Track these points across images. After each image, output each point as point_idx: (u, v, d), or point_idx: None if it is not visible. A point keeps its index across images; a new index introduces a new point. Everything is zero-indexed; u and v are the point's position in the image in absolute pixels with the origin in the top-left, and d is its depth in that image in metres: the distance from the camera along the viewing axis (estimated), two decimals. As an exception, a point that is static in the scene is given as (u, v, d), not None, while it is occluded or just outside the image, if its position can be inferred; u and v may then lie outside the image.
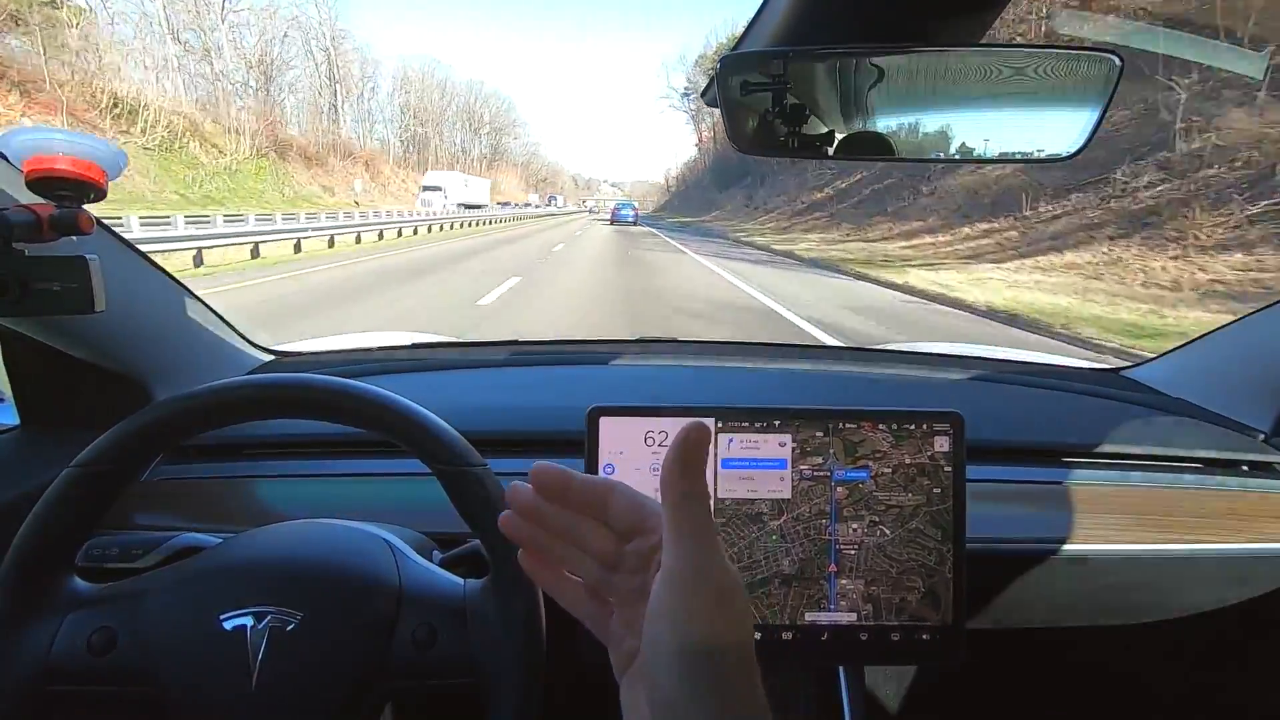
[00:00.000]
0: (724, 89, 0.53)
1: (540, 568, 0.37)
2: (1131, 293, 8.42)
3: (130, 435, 0.53)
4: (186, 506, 0.81)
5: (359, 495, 0.82)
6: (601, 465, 0.62)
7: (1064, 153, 0.55)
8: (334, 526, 0.61)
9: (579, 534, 0.35)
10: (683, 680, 0.29)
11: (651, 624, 0.31)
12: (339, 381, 0.55)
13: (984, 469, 0.83)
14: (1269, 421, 0.93)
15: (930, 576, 0.64)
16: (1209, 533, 0.80)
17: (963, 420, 0.64)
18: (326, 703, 0.52)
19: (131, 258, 0.81)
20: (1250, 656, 0.94)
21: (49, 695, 0.51)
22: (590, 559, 0.35)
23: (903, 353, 1.33)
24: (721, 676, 0.30)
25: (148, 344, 0.85)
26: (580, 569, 0.36)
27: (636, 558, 0.34)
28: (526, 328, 5.97)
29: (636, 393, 1.06)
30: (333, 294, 8.10)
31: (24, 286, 0.51)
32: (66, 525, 0.53)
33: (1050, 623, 0.84)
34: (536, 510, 0.35)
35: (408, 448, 0.55)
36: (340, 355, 1.20)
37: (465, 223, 27.63)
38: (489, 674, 0.53)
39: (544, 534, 0.36)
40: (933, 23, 0.50)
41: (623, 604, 0.35)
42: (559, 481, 0.35)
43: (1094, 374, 1.17)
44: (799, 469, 0.63)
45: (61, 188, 0.50)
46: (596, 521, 0.35)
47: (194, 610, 0.53)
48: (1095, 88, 0.52)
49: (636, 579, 0.34)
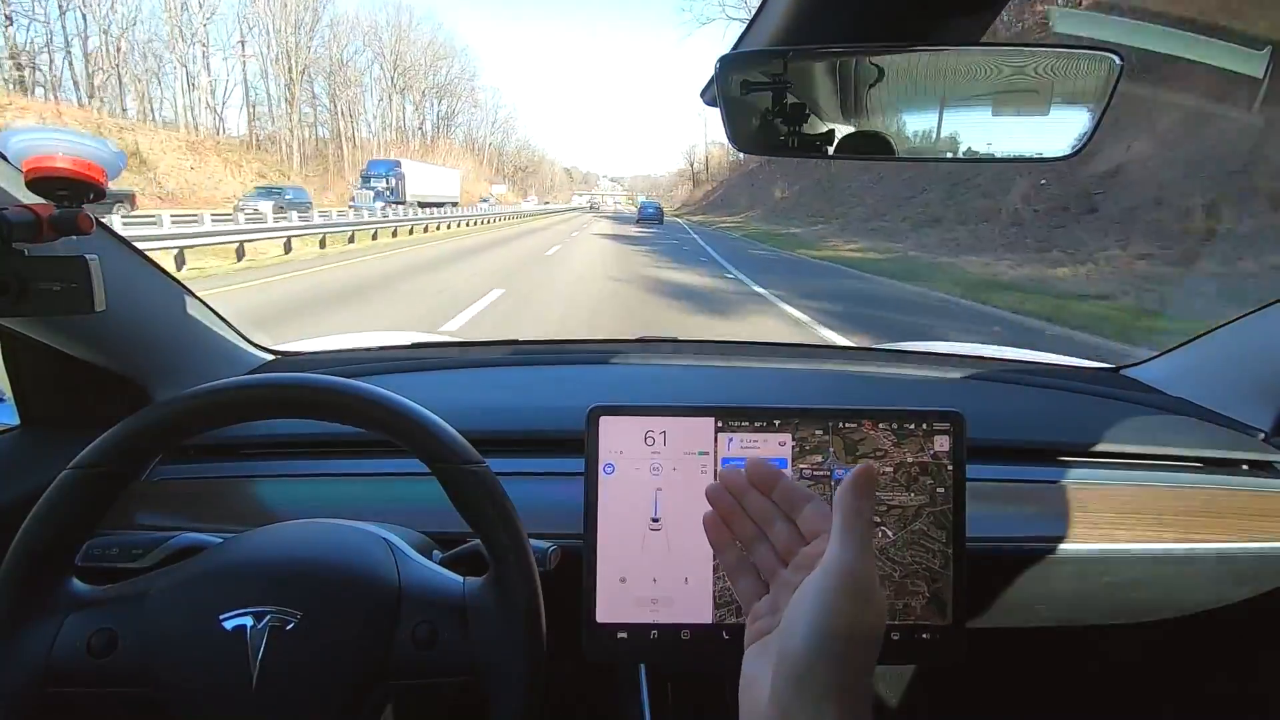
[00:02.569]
0: (724, 88, 0.53)
1: (721, 532, 0.44)
2: None
3: (130, 435, 0.53)
4: (186, 506, 0.81)
5: (359, 495, 0.82)
6: (601, 465, 0.62)
7: (1064, 152, 0.55)
8: (334, 526, 0.61)
9: (770, 521, 0.43)
10: (812, 655, 0.34)
11: (799, 604, 0.36)
12: (338, 381, 0.55)
13: (984, 468, 0.83)
14: (1269, 420, 0.93)
15: (935, 581, 0.63)
16: (1209, 532, 0.80)
17: (964, 419, 0.64)
18: (326, 702, 0.52)
19: (131, 258, 0.81)
20: (1251, 655, 0.94)
21: (49, 697, 0.51)
22: (765, 543, 0.43)
23: (902, 352, 1.33)
24: (847, 661, 0.34)
25: (148, 344, 0.85)
26: (756, 549, 0.43)
27: (807, 558, 0.40)
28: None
29: (636, 392, 1.06)
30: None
31: (24, 286, 0.51)
32: (66, 526, 0.53)
33: (1050, 622, 0.84)
34: (745, 490, 0.43)
35: (407, 447, 0.55)
36: (340, 355, 1.20)
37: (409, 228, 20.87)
38: (489, 673, 0.53)
39: (737, 508, 0.43)
40: (933, 22, 0.50)
41: (779, 590, 0.41)
42: (770, 476, 0.43)
43: (1094, 373, 1.17)
44: (799, 468, 0.63)
45: (61, 187, 0.50)
46: (789, 519, 0.42)
47: (194, 610, 0.53)
48: (1095, 87, 0.52)
49: (797, 575, 0.39)
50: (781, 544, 0.42)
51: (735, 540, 0.44)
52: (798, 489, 0.43)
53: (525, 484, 0.73)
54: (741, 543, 0.44)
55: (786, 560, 0.42)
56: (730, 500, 0.44)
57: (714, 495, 0.44)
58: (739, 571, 0.44)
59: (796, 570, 0.40)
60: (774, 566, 0.42)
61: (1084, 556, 0.78)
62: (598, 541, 0.61)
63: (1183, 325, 6.03)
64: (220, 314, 0.99)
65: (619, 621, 0.61)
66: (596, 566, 0.61)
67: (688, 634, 0.61)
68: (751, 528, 0.43)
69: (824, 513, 0.41)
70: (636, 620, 0.61)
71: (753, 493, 0.43)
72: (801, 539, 0.41)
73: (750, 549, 0.43)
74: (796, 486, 0.43)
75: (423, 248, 16.61)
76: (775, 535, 0.42)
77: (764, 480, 0.43)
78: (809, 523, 0.41)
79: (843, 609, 0.35)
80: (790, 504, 0.42)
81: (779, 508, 0.43)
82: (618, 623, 0.61)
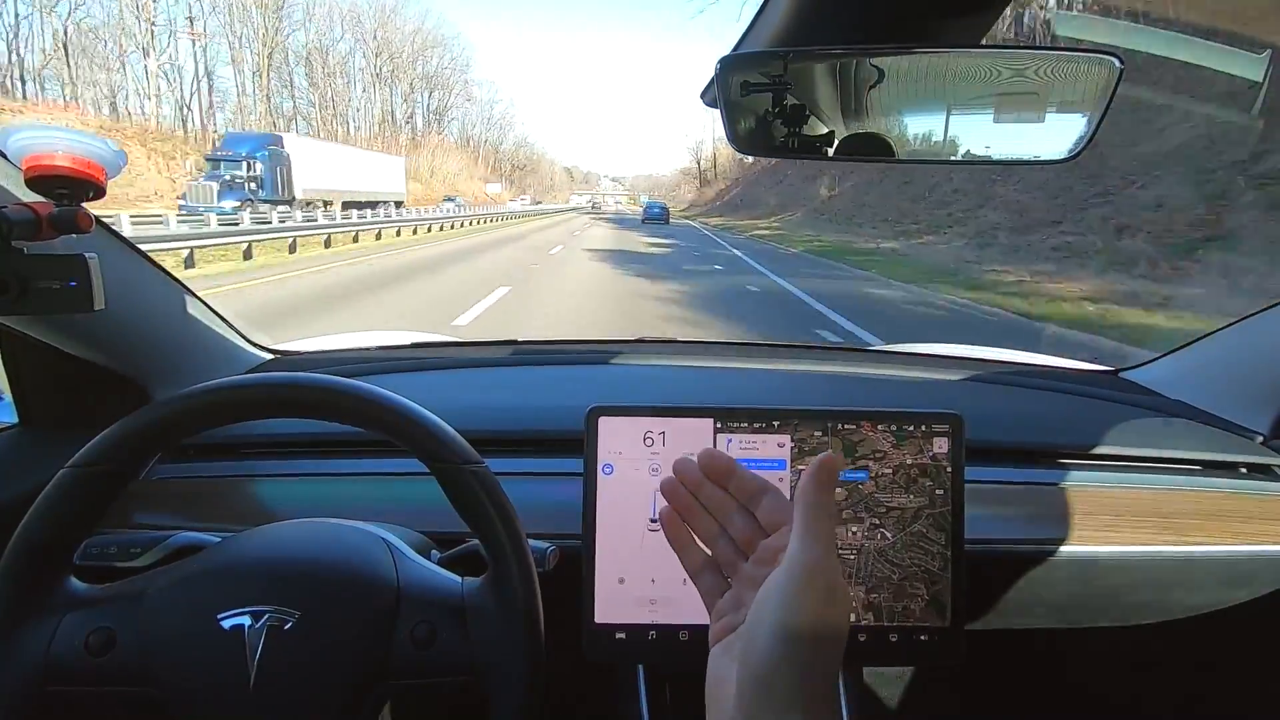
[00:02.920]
0: (723, 89, 0.53)
1: (678, 528, 0.43)
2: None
3: (129, 434, 0.53)
4: (185, 506, 0.81)
5: (357, 494, 0.82)
6: (600, 465, 0.62)
7: (1063, 155, 0.55)
8: (333, 526, 0.61)
9: (727, 514, 0.41)
10: (776, 657, 0.33)
11: (763, 604, 0.35)
12: (338, 381, 0.55)
13: (983, 470, 0.83)
14: (1267, 423, 0.93)
15: (934, 584, 0.63)
16: (1207, 534, 0.80)
17: (962, 421, 0.64)
18: (325, 702, 0.52)
19: (131, 256, 0.81)
20: (1248, 658, 0.94)
21: (47, 695, 0.51)
22: (728, 539, 0.41)
23: (901, 354, 1.33)
24: (813, 659, 0.34)
25: (147, 343, 0.85)
26: (716, 544, 0.42)
27: (769, 551, 0.39)
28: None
29: (636, 393, 1.06)
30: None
31: (23, 285, 0.51)
32: (64, 525, 0.52)
33: (1049, 624, 0.84)
34: (699, 483, 0.42)
35: (407, 447, 0.55)
36: (339, 354, 1.20)
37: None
38: (488, 673, 0.53)
39: (694, 504, 0.42)
40: (933, 24, 0.50)
41: (741, 586, 0.40)
42: (725, 467, 0.41)
43: (1093, 375, 1.17)
44: (798, 469, 0.63)
45: (60, 186, 0.50)
46: (748, 511, 0.41)
47: (192, 610, 0.53)
48: (1095, 89, 0.52)
49: (760, 570, 0.38)
50: (741, 537, 0.41)
51: (694, 537, 0.43)
52: (754, 479, 0.41)
53: (524, 484, 0.73)
54: (700, 538, 0.42)
55: (747, 553, 0.40)
56: (685, 495, 0.42)
57: (668, 490, 0.43)
58: (700, 569, 0.42)
59: (757, 564, 0.39)
60: (734, 560, 0.41)
61: (1082, 559, 0.78)
62: (596, 542, 0.61)
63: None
64: (219, 313, 0.99)
65: (617, 622, 0.61)
66: (595, 567, 0.61)
67: (686, 634, 0.61)
68: (709, 522, 0.42)
69: (783, 503, 0.40)
70: (635, 620, 0.61)
71: (708, 485, 0.42)
72: (761, 531, 0.40)
73: (709, 544, 0.42)
74: (753, 476, 0.42)
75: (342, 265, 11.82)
76: (734, 528, 0.41)
77: (718, 471, 0.42)
78: (768, 514, 0.40)
79: (807, 607, 0.34)
80: (748, 495, 0.41)
81: (736, 499, 0.41)
82: (616, 623, 0.61)
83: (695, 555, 0.43)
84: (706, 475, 0.42)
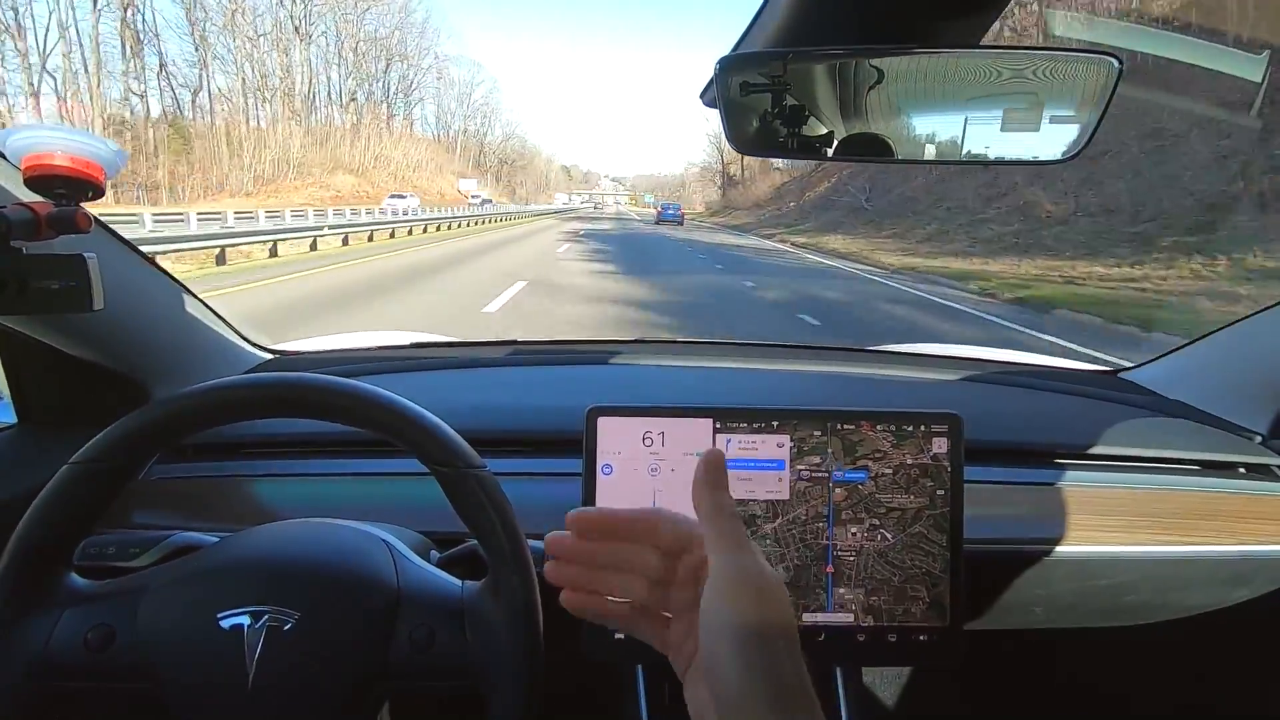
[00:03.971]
0: (723, 90, 0.53)
1: (586, 603, 0.41)
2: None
3: (129, 433, 0.53)
4: (184, 505, 0.81)
5: (357, 495, 0.82)
6: (599, 465, 0.62)
7: (1061, 155, 0.55)
8: (332, 526, 0.61)
9: (627, 560, 0.40)
10: (740, 669, 0.33)
11: (706, 624, 0.35)
12: (338, 381, 0.55)
13: (982, 470, 0.83)
14: (1266, 424, 0.93)
15: (935, 586, 0.63)
16: (1206, 534, 0.80)
17: (961, 421, 0.64)
18: (323, 702, 0.52)
19: (130, 256, 0.81)
20: (1247, 658, 0.95)
21: (46, 691, 0.51)
22: (640, 580, 0.40)
23: (901, 354, 1.33)
24: (773, 660, 0.33)
25: (146, 342, 0.85)
26: (630, 591, 0.40)
27: (688, 571, 0.39)
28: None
29: (635, 393, 1.06)
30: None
31: (22, 285, 0.51)
32: (65, 522, 0.53)
33: (1047, 624, 0.84)
34: (580, 551, 0.40)
35: (406, 448, 0.55)
36: (339, 354, 1.20)
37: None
38: (487, 675, 0.53)
39: (586, 572, 0.41)
40: (932, 24, 0.50)
41: (679, 613, 0.39)
42: (600, 522, 0.40)
43: (1092, 375, 1.17)
44: (797, 469, 0.63)
45: (59, 186, 0.50)
46: (645, 545, 0.40)
47: (191, 608, 0.53)
48: (1094, 90, 0.52)
49: (690, 591, 0.38)
50: (656, 574, 0.39)
51: (608, 598, 0.41)
52: (636, 517, 0.40)
53: (524, 484, 0.73)
54: (617, 596, 0.41)
55: (670, 583, 0.39)
56: (574, 571, 0.41)
57: (553, 574, 0.41)
58: (632, 621, 0.41)
59: (684, 587, 0.39)
60: (662, 596, 0.40)
61: (1081, 559, 0.78)
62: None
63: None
64: (219, 313, 0.99)
65: None
66: None
67: None
68: (618, 579, 0.40)
69: (675, 524, 0.39)
70: None
71: (591, 546, 0.40)
72: (672, 559, 0.39)
73: (631, 594, 0.40)
74: (637, 514, 0.40)
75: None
76: (646, 568, 0.40)
77: (594, 527, 0.40)
78: (670, 540, 0.39)
79: (745, 612, 0.33)
80: (643, 534, 0.40)
81: (629, 543, 0.40)
82: None
83: (619, 612, 0.41)
84: (583, 537, 0.40)
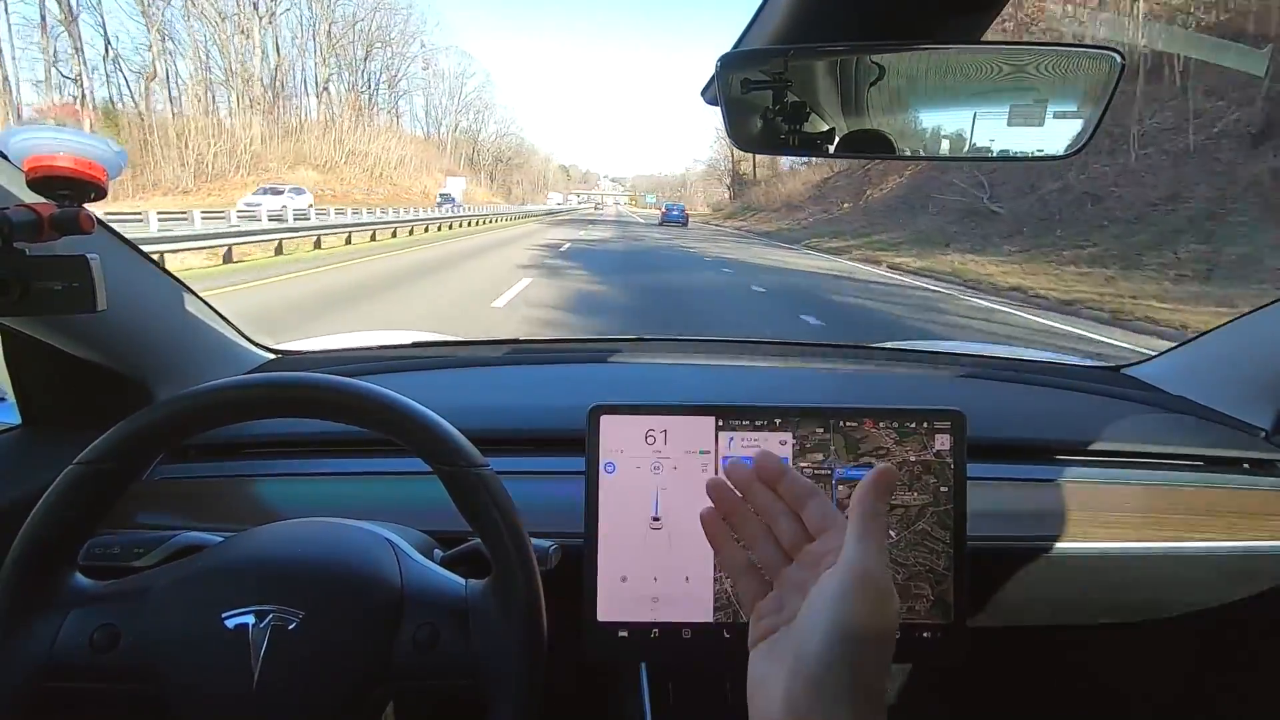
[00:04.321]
0: (724, 87, 0.53)
1: (720, 529, 0.43)
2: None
3: (133, 434, 0.53)
4: (187, 506, 0.81)
5: (360, 494, 0.82)
6: (602, 464, 0.62)
7: (1063, 151, 0.55)
8: (335, 525, 0.61)
9: (774, 517, 0.42)
10: (830, 658, 0.34)
11: (817, 604, 0.36)
12: (341, 380, 0.55)
13: (985, 467, 0.83)
14: (1270, 419, 0.93)
15: (939, 583, 0.63)
16: (1210, 531, 0.80)
17: (964, 418, 0.64)
18: (328, 702, 0.52)
19: (132, 257, 0.81)
20: (1251, 654, 0.94)
21: (51, 692, 0.51)
22: (770, 540, 0.42)
23: (903, 351, 1.33)
24: (863, 660, 0.34)
25: (149, 343, 0.85)
26: (760, 547, 0.42)
27: (813, 556, 0.40)
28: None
29: (637, 391, 1.06)
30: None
31: (25, 286, 0.51)
32: (69, 522, 0.53)
33: (1051, 621, 0.84)
34: (749, 485, 0.42)
35: (410, 447, 0.55)
36: (342, 354, 1.20)
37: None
38: (490, 675, 0.53)
39: (742, 505, 0.43)
40: (933, 20, 0.50)
41: (785, 590, 0.40)
42: (776, 470, 0.42)
43: (1095, 372, 1.17)
44: (800, 466, 0.63)
45: (62, 187, 0.50)
46: (794, 515, 0.41)
47: (196, 608, 0.53)
48: (1096, 86, 0.52)
49: (808, 571, 0.39)
50: (787, 540, 0.41)
51: (735, 538, 0.43)
52: (803, 484, 0.42)
53: (526, 483, 0.73)
54: (743, 540, 0.43)
55: (792, 557, 0.41)
56: (732, 495, 0.43)
57: (716, 491, 0.43)
58: (740, 570, 0.43)
59: (802, 568, 0.40)
60: (779, 564, 0.41)
61: (1084, 555, 0.78)
62: (598, 540, 0.61)
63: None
64: (221, 313, 0.99)
65: (620, 620, 0.61)
66: (597, 565, 0.61)
67: (689, 633, 0.61)
68: (755, 524, 0.42)
69: (829, 509, 0.41)
70: (637, 619, 0.61)
71: (758, 486, 0.42)
72: (807, 535, 0.41)
73: (753, 546, 0.42)
74: (803, 481, 0.42)
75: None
76: (781, 531, 0.42)
77: (770, 474, 0.42)
78: (815, 519, 0.41)
79: (860, 610, 0.35)
80: (796, 499, 0.42)
81: (784, 502, 0.42)
82: (619, 621, 0.61)
83: (735, 556, 0.43)
84: (759, 477, 0.42)
